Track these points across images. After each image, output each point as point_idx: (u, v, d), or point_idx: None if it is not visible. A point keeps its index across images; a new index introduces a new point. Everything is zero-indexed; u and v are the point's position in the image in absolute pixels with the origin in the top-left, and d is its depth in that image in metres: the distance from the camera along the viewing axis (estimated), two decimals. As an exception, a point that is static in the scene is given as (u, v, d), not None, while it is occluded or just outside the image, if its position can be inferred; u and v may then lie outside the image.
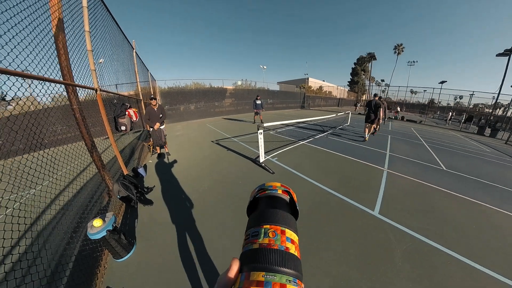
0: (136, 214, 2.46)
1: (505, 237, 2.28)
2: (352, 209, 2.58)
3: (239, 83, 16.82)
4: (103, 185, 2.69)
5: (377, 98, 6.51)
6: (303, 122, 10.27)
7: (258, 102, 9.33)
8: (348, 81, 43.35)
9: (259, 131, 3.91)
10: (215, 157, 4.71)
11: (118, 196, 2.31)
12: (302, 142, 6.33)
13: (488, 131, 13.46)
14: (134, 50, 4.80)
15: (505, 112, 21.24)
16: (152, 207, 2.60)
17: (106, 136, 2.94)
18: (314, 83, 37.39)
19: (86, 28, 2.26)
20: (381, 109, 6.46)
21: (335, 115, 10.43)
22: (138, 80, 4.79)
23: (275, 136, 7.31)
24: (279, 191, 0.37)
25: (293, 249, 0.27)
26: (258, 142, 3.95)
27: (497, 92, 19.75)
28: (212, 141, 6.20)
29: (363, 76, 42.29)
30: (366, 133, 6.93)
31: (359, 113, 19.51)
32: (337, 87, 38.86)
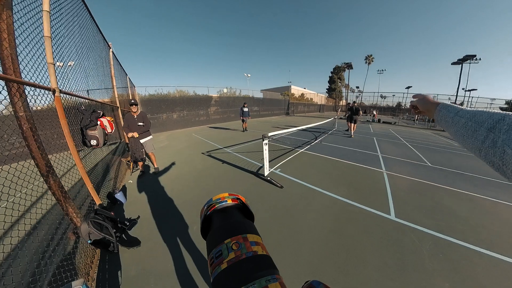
0: (118, 263, 1.75)
1: (502, 222, 2.59)
2: (372, 217, 2.53)
3: (225, 90, 16.28)
4: (67, 221, 1.94)
5: (356, 104, 8.74)
6: (304, 129, 10.34)
7: (245, 109, 9.26)
8: (326, 88, 45.67)
9: (264, 141, 3.43)
10: (211, 172, 4.07)
11: (89, 241, 1.60)
12: (301, 150, 6.00)
13: None
14: (110, 50, 4.04)
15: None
16: (139, 249, 1.90)
17: (82, 148, 2.22)
18: (296, 90, 38.46)
19: (45, 7, 1.62)
20: (360, 111, 8.78)
21: (332, 119, 10.96)
22: (114, 85, 3.99)
23: (270, 145, 6.91)
24: (229, 201, 0.36)
25: (260, 250, 0.27)
26: (254, 152, 3.47)
27: (455, 94, 22.92)
28: (203, 153, 5.54)
29: (339, 83, 45.02)
30: (351, 130, 8.87)
31: (340, 118, 20.25)
32: (317, 94, 40.51)
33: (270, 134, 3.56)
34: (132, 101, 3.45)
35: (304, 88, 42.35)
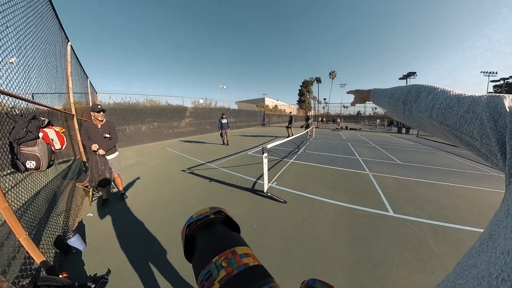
0: None
1: (467, 201, 3.20)
2: (376, 217, 2.63)
3: (201, 101, 15.45)
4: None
5: (308, 114, 12.81)
6: (291, 140, 10.68)
7: (224, 121, 8.25)
8: (297, 100, 48.49)
9: (264, 155, 3.00)
10: (197, 192, 3.41)
11: None
12: (290, 161, 5.75)
13: (403, 130, 18.79)
14: (68, 43, 3.11)
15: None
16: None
17: (11, 170, 1.46)
18: (270, 102, 39.61)
19: None
20: (310, 120, 11.82)
21: (311, 127, 11.95)
22: (70, 87, 3.02)
23: (256, 156, 6.52)
24: (211, 216, 0.33)
25: (251, 261, 0.26)
26: (244, 166, 3.09)
27: None
28: (183, 170, 4.76)
29: (308, 96, 48.45)
30: (308, 134, 11.05)
31: (317, 127, 21.43)
32: (289, 106, 42.51)
33: (269, 146, 3.17)
34: (99, 106, 2.64)
35: (277, 100, 44.07)
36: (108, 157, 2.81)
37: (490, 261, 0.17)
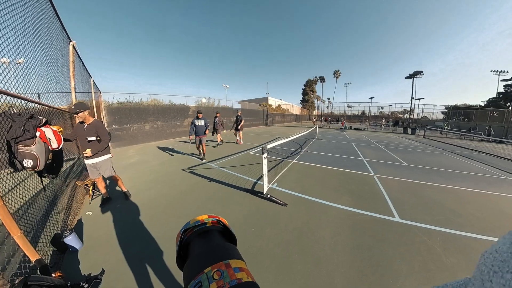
0: None
1: (481, 207, 3.03)
2: (381, 222, 2.52)
3: (204, 100, 15.53)
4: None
5: (239, 113, 8.86)
6: (293, 139, 10.50)
7: (199, 123, 5.80)
8: (300, 100, 48.26)
9: (263, 156, 2.97)
10: (197, 193, 3.40)
11: None
12: (292, 161, 5.70)
13: (409, 130, 18.46)
14: (71, 43, 3.15)
15: (410, 116, 28.68)
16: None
17: (10, 171, 1.48)
18: (273, 101, 39.48)
19: None
20: (242, 121, 8.83)
21: (314, 128, 11.85)
22: (73, 86, 3.03)
23: (257, 156, 6.49)
24: (209, 223, 0.32)
25: (245, 277, 0.24)
26: (244, 166, 3.08)
27: (410, 103, 27.51)
28: (184, 170, 4.78)
29: (312, 95, 48.15)
30: (240, 137, 8.96)
31: (320, 126, 21.25)
32: (292, 105, 42.31)
33: (269, 146, 3.13)
34: (72, 107, 2.37)
35: (281, 100, 43.88)
36: (97, 160, 2.62)
37: None
